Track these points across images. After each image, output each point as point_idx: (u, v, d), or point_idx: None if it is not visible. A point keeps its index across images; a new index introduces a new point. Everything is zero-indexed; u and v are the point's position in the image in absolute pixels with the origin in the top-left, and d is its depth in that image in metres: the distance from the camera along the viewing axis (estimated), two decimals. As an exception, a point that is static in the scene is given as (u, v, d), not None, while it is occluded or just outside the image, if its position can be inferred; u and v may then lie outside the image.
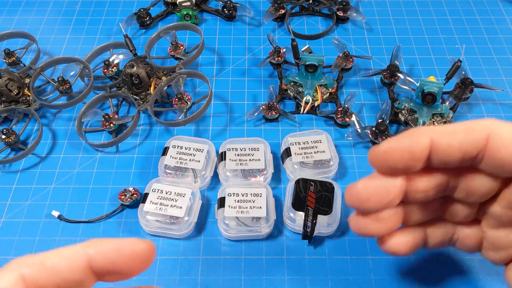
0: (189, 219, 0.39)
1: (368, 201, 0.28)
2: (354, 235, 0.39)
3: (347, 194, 0.29)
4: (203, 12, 0.60)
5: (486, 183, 0.27)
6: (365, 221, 0.29)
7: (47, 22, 0.59)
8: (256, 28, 0.58)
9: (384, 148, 0.27)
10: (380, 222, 0.29)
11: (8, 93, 0.47)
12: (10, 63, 0.52)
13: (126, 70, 0.47)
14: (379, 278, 0.37)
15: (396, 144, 0.26)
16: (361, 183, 0.28)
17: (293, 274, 0.37)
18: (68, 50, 0.56)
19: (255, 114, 0.47)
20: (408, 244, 0.31)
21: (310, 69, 0.48)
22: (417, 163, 0.26)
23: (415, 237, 0.32)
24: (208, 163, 0.43)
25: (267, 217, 0.39)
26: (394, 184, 0.28)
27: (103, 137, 0.47)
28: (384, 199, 0.28)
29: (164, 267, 0.38)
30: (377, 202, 0.28)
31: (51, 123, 0.49)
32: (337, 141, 0.46)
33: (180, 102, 0.46)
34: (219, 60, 0.54)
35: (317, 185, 0.40)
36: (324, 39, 0.56)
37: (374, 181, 0.28)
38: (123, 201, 0.41)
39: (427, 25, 0.58)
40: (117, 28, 0.58)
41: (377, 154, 0.27)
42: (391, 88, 0.49)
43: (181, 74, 0.48)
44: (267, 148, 0.44)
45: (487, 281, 0.37)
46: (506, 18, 0.59)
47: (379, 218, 0.29)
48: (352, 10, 0.57)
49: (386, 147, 0.27)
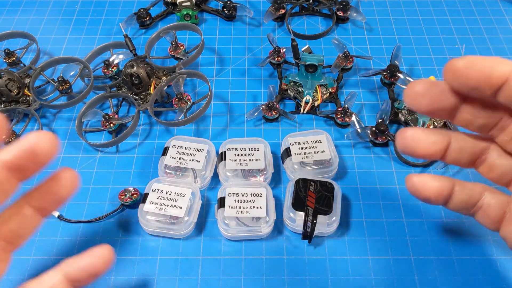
0: (189, 219, 0.39)
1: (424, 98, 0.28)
2: (354, 235, 0.39)
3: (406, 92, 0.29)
4: (203, 12, 0.60)
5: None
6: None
7: (47, 22, 0.59)
8: (256, 28, 0.58)
9: (466, 62, 0.26)
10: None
11: (8, 93, 0.47)
12: (10, 63, 0.52)
13: (126, 70, 0.47)
14: (379, 278, 0.37)
15: (478, 62, 0.26)
16: (421, 83, 0.29)
17: (293, 274, 0.37)
18: (68, 50, 0.56)
19: (255, 114, 0.47)
20: (433, 188, 0.32)
21: (310, 69, 0.48)
22: (488, 88, 0.26)
23: (443, 185, 0.32)
24: (208, 163, 0.43)
25: (267, 217, 0.39)
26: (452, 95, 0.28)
27: (103, 137, 0.47)
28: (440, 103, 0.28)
29: (164, 267, 0.38)
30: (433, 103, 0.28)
31: (51, 123, 0.49)
32: (337, 141, 0.46)
33: (180, 102, 0.47)
34: (219, 60, 0.54)
35: (317, 185, 0.40)
36: (324, 39, 0.56)
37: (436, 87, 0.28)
38: (123, 201, 0.41)
39: (427, 25, 0.58)
40: (117, 28, 0.58)
41: (456, 66, 0.27)
42: (391, 88, 0.49)
43: (181, 74, 0.48)
44: (267, 148, 0.44)
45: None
46: (506, 18, 0.59)
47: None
48: (352, 10, 0.57)
49: (469, 61, 0.26)
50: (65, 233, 0.40)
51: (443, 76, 0.28)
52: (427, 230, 0.40)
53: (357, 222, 0.40)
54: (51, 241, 0.40)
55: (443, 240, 0.39)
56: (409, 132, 0.30)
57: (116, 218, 0.41)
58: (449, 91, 0.28)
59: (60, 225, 0.41)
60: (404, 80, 0.48)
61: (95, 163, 0.45)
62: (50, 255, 0.39)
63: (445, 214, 0.41)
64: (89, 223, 0.41)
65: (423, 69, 0.53)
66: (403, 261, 0.38)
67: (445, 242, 0.39)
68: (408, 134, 0.30)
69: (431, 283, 0.37)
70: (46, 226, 0.40)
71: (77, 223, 0.41)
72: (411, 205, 0.41)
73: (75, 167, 0.45)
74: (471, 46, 0.55)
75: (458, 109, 0.29)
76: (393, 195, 0.42)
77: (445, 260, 0.38)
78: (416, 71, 0.53)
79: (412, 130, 0.30)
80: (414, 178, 0.32)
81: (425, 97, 0.28)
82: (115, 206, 0.41)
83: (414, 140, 0.30)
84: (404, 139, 0.30)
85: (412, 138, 0.30)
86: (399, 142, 0.30)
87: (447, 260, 0.38)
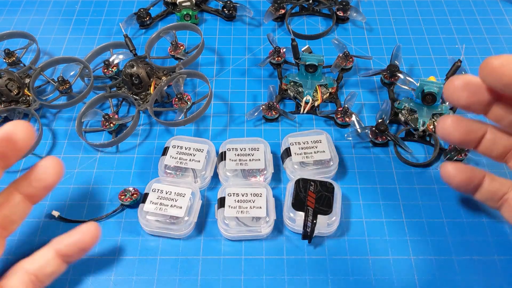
0: (189, 219, 0.39)
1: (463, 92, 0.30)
2: (354, 235, 0.39)
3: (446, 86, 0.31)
4: (203, 12, 0.60)
5: None
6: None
7: (47, 22, 0.59)
8: (256, 28, 0.58)
9: (501, 61, 0.28)
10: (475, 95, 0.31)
11: (8, 93, 0.47)
12: (10, 63, 0.52)
13: (126, 70, 0.47)
14: (379, 278, 0.37)
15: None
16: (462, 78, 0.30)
17: (293, 274, 0.37)
18: (68, 50, 0.56)
19: (255, 114, 0.47)
20: (464, 176, 0.35)
21: (310, 69, 0.48)
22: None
23: (473, 175, 0.35)
24: (208, 163, 0.43)
25: (267, 217, 0.39)
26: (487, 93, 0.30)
27: (103, 137, 0.47)
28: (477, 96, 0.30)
29: (164, 267, 0.38)
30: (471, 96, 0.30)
31: (51, 123, 0.49)
32: (337, 141, 0.46)
33: (180, 102, 0.47)
34: (219, 60, 0.54)
35: (317, 185, 0.40)
36: (324, 39, 0.56)
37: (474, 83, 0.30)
38: (123, 201, 0.41)
39: (427, 25, 0.58)
40: (117, 28, 0.58)
41: (491, 64, 0.28)
42: (391, 88, 0.49)
43: (181, 74, 0.48)
44: (267, 148, 0.44)
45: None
46: (506, 18, 0.59)
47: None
48: (352, 10, 0.57)
49: (504, 60, 0.28)
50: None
51: (479, 73, 0.29)
52: (428, 231, 0.40)
53: (357, 222, 0.40)
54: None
55: (443, 240, 0.39)
56: (449, 119, 0.32)
57: (116, 218, 0.41)
58: (484, 87, 0.30)
59: (60, 225, 0.41)
60: (404, 80, 0.48)
61: (95, 163, 0.45)
62: (50, 255, 0.39)
63: (445, 214, 0.41)
64: (89, 223, 0.41)
65: (423, 69, 0.53)
66: (403, 261, 0.38)
67: (445, 242, 0.39)
68: (448, 122, 0.32)
69: (431, 283, 0.37)
70: (47, 226, 0.40)
71: (77, 223, 0.41)
72: (411, 205, 0.41)
73: (75, 167, 0.45)
74: (471, 46, 0.55)
75: (493, 104, 0.31)
76: (393, 195, 0.42)
77: (445, 260, 0.38)
78: (416, 71, 0.53)
79: (452, 117, 0.32)
80: (448, 167, 0.35)
81: (464, 91, 0.30)
82: (115, 206, 0.41)
83: (454, 127, 0.32)
84: (445, 125, 0.32)
85: (452, 125, 0.32)
86: (440, 129, 0.32)
87: (447, 260, 0.38)
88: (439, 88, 0.44)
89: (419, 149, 0.45)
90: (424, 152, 0.45)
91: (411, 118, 0.46)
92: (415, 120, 0.46)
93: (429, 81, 0.45)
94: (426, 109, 0.45)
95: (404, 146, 0.44)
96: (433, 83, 0.44)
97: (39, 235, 0.40)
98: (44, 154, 0.46)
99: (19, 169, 0.45)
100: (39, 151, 0.46)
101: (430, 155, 0.44)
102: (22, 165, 0.45)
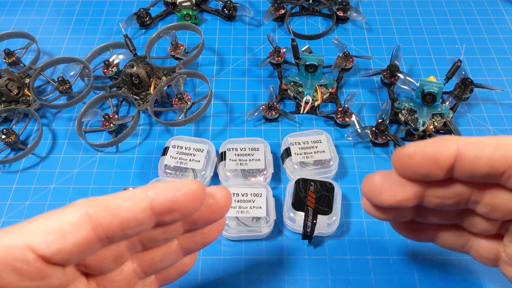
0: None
1: (381, 194, 0.27)
2: (354, 235, 0.39)
3: (363, 183, 0.28)
4: (203, 12, 0.60)
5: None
6: (374, 210, 0.28)
7: (47, 22, 0.59)
8: (256, 28, 0.58)
9: (409, 151, 0.25)
10: (388, 214, 0.28)
11: (8, 93, 0.47)
12: (10, 63, 0.52)
13: (126, 70, 0.47)
14: (379, 278, 0.37)
15: (421, 148, 0.25)
16: (379, 175, 0.27)
17: (293, 274, 0.37)
18: (68, 50, 0.56)
19: (255, 114, 0.47)
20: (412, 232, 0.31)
21: (310, 69, 0.48)
22: (439, 171, 0.25)
23: (422, 233, 0.31)
24: (208, 163, 0.43)
25: (267, 217, 0.39)
26: (411, 184, 0.26)
27: (103, 137, 0.47)
28: (399, 197, 0.26)
29: (164, 267, 0.38)
30: (391, 198, 0.26)
31: (51, 123, 0.49)
32: (337, 141, 0.46)
33: (180, 102, 0.46)
34: (219, 60, 0.54)
35: (317, 185, 0.40)
36: (324, 39, 0.56)
37: (393, 177, 0.27)
38: (123, 201, 0.41)
39: (427, 25, 0.58)
40: (117, 28, 0.58)
41: (400, 156, 0.26)
42: (391, 88, 0.49)
43: (181, 74, 0.48)
44: (267, 148, 0.44)
45: (486, 283, 0.37)
46: (506, 18, 0.59)
47: (388, 210, 0.28)
48: (352, 10, 0.57)
49: (411, 150, 0.25)
50: (65, 233, 0.40)
51: (393, 167, 0.26)
52: (427, 230, 0.40)
53: (357, 222, 0.40)
54: (51, 241, 0.40)
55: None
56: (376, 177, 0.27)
57: (116, 218, 0.41)
58: (406, 180, 0.26)
59: (60, 225, 0.41)
60: (404, 80, 0.48)
61: (95, 163, 0.45)
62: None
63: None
64: (89, 223, 0.41)
65: (423, 69, 0.53)
66: (403, 261, 0.38)
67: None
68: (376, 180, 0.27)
69: (431, 283, 0.37)
70: (46, 226, 0.40)
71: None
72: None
73: (75, 167, 0.45)
74: (471, 46, 0.55)
75: (424, 195, 0.27)
76: (393, 195, 0.42)
77: (445, 260, 0.38)
78: (416, 71, 0.53)
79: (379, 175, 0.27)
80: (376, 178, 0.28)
81: (384, 190, 0.26)
82: (115, 206, 0.41)
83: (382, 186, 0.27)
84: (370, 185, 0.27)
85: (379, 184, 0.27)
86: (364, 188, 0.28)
87: (447, 260, 0.38)
88: (439, 88, 0.44)
89: (419, 149, 0.45)
90: (424, 152, 0.45)
91: (411, 118, 0.46)
92: (415, 120, 0.46)
93: (429, 81, 0.45)
94: (426, 109, 0.45)
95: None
96: (433, 83, 0.44)
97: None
98: (44, 154, 0.46)
99: (19, 169, 0.45)
100: (39, 151, 0.46)
101: (430, 155, 0.44)
102: (22, 165, 0.45)
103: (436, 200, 0.27)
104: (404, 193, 0.26)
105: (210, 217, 0.27)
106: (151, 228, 0.25)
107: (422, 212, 0.29)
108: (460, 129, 0.47)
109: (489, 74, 0.52)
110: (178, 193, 0.24)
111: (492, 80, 0.51)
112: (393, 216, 0.29)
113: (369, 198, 0.28)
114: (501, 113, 0.48)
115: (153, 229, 0.25)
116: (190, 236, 0.28)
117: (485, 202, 0.26)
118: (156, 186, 0.24)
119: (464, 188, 0.26)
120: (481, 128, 0.47)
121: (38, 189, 0.43)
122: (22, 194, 0.43)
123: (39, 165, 0.45)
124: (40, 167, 0.45)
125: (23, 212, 0.41)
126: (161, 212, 0.24)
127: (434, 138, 0.25)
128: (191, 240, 0.28)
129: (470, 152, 0.24)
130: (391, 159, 0.26)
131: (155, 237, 0.26)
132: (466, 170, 0.24)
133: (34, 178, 0.44)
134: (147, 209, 0.23)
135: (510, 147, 0.24)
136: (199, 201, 0.25)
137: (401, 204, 0.26)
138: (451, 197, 0.26)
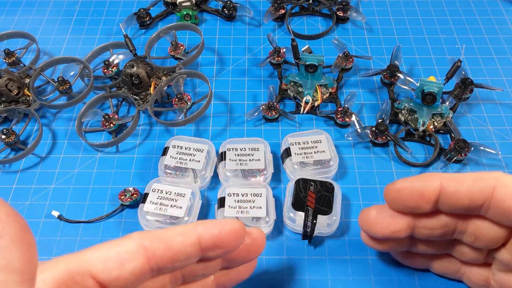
0: (189, 219, 0.39)
1: (376, 226, 0.30)
2: (354, 235, 0.40)
3: (360, 216, 0.32)
4: (203, 12, 0.60)
5: (493, 230, 0.28)
6: (371, 242, 0.33)
7: (47, 22, 0.59)
8: (256, 28, 0.58)
9: (397, 186, 0.29)
10: (384, 245, 0.32)
11: (8, 93, 0.47)
12: (10, 63, 0.52)
13: (126, 70, 0.47)
14: (379, 278, 0.37)
15: (409, 184, 0.28)
16: (374, 209, 0.31)
17: (294, 274, 0.37)
18: (68, 50, 0.56)
19: (255, 114, 0.47)
20: (410, 260, 0.35)
21: (310, 69, 0.48)
22: (426, 204, 0.28)
23: (418, 260, 0.35)
24: (208, 163, 0.43)
25: (267, 217, 0.39)
26: (402, 217, 0.30)
27: (103, 137, 0.47)
28: (391, 228, 0.30)
29: (164, 267, 0.38)
30: (384, 230, 0.30)
31: (51, 123, 0.49)
32: (337, 141, 0.46)
33: (180, 102, 0.46)
34: (219, 60, 0.54)
35: (317, 185, 0.40)
36: (324, 39, 0.56)
37: (386, 210, 0.30)
38: (123, 201, 0.41)
39: (427, 25, 0.58)
40: (117, 28, 0.58)
41: (390, 191, 0.29)
42: (391, 88, 0.49)
43: (181, 74, 0.48)
44: (267, 148, 0.44)
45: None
46: (506, 18, 0.59)
47: (384, 241, 0.32)
48: (352, 10, 0.57)
49: (399, 185, 0.29)
50: (65, 233, 0.40)
51: (385, 201, 0.30)
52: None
53: (357, 222, 0.40)
54: (51, 241, 0.40)
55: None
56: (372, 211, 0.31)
57: (116, 218, 0.41)
58: (398, 213, 0.30)
59: (60, 225, 0.41)
60: (404, 80, 0.48)
61: (95, 163, 0.45)
62: (50, 255, 0.39)
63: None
64: (89, 223, 0.41)
65: (423, 69, 0.53)
66: (403, 261, 0.38)
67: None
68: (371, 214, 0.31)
69: (431, 284, 0.37)
70: (46, 226, 0.40)
71: (77, 223, 0.41)
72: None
73: (75, 167, 0.45)
74: (471, 46, 0.55)
75: (414, 226, 0.30)
76: (393, 195, 0.42)
77: (445, 260, 0.38)
78: (416, 71, 0.53)
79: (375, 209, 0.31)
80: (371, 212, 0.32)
81: (379, 222, 0.30)
82: (115, 206, 0.41)
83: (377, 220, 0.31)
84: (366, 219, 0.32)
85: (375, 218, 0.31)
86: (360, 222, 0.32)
87: (447, 260, 0.38)
88: (439, 88, 0.44)
89: (419, 149, 0.45)
90: (424, 152, 0.45)
91: (411, 118, 0.46)
92: (415, 120, 0.46)
93: (429, 81, 0.45)
94: (426, 109, 0.45)
95: (404, 146, 0.44)
96: (433, 83, 0.44)
97: (39, 235, 0.40)
98: (44, 154, 0.46)
99: (19, 169, 0.45)
100: (39, 151, 0.46)
101: (430, 155, 0.44)
102: (22, 165, 0.45)
103: (426, 231, 0.30)
104: (397, 224, 0.30)
105: (246, 256, 0.29)
106: (195, 262, 0.27)
107: (415, 243, 0.32)
108: (460, 129, 0.47)
109: (489, 74, 0.52)
110: (223, 230, 0.26)
111: (492, 80, 0.51)
112: (390, 246, 0.32)
113: (365, 230, 0.32)
114: (501, 113, 0.48)
115: (196, 263, 0.27)
116: (225, 273, 0.30)
117: (469, 232, 0.29)
118: (204, 223, 0.26)
119: (449, 219, 0.29)
120: (481, 128, 0.47)
121: (38, 189, 0.43)
122: (22, 194, 0.43)
123: (39, 165, 0.45)
124: (40, 167, 0.45)
125: (23, 212, 0.41)
126: (207, 247, 0.25)
127: (420, 174, 0.29)
128: (226, 276, 0.30)
129: (451, 187, 0.27)
130: (383, 194, 0.30)
131: (196, 271, 0.28)
132: (449, 203, 0.28)
133: (34, 178, 0.44)
134: (196, 244, 0.25)
135: (486, 181, 0.26)
136: (240, 239, 0.27)
137: (394, 235, 0.30)
138: (438, 227, 0.29)
